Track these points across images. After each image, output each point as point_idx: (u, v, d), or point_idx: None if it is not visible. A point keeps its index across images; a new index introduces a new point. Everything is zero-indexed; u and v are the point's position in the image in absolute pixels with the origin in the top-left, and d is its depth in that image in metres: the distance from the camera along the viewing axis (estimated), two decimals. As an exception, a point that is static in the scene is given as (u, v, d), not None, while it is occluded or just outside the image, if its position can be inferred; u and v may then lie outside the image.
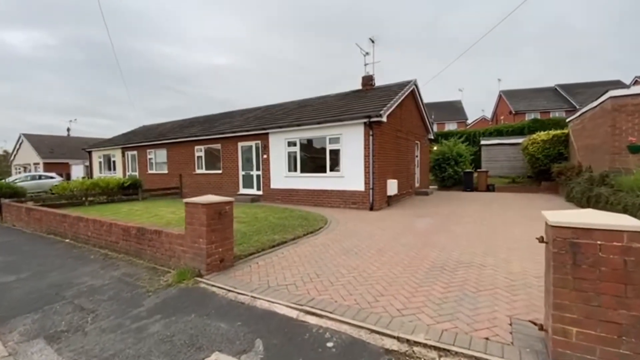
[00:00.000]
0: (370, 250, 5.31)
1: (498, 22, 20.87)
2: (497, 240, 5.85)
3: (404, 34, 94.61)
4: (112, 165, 20.10)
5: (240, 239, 5.95)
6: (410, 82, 12.70)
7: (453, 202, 11.64)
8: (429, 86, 68.25)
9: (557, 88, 34.24)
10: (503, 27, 42.47)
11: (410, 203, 11.49)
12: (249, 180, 13.29)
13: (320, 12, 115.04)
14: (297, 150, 11.68)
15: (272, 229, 6.85)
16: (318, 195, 11.16)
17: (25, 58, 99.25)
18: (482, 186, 15.65)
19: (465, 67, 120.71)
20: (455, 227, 7.08)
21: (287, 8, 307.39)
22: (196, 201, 4.29)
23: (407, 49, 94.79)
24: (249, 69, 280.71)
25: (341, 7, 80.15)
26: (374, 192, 9.95)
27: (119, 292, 3.95)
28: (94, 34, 64.66)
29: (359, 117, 9.91)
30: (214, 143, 14.29)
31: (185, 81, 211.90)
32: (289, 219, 8.04)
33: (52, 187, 12.63)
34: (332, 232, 6.79)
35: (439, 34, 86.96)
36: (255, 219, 8.13)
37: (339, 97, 14.04)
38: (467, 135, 21.52)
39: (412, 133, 13.55)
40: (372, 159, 9.92)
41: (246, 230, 6.66)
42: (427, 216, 8.57)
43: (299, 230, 6.73)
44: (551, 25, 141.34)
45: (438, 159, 17.05)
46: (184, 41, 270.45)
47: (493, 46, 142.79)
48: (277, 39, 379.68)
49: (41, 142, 29.70)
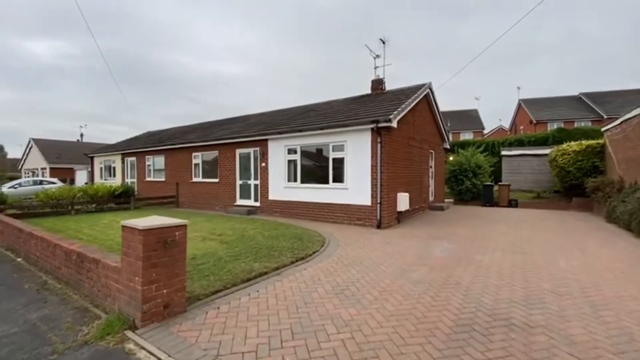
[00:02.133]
0: (372, 290, 4.07)
1: (507, 29, 19.61)
2: (539, 278, 4.51)
3: (418, 45, 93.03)
4: (112, 171, 19.47)
5: (211, 267, 4.81)
6: (425, 85, 11.49)
7: (473, 219, 10.23)
8: (443, 95, 66.79)
9: (582, 96, 32.26)
10: (519, 37, 40.88)
11: (424, 220, 10.15)
12: (247, 191, 12.23)
13: (333, 22, 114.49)
14: (298, 159, 10.56)
15: (256, 252, 5.68)
16: (320, 209, 9.97)
17: (47, 67, 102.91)
18: (504, 201, 14.13)
19: (480, 78, 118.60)
20: (480, 255, 5.74)
21: (299, 19, 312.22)
22: (132, 225, 3.18)
23: (421, 60, 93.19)
24: (262, 78, 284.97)
25: (354, 17, 79.49)
26: (381, 207, 8.69)
27: (13, 353, 2.83)
28: (111, 44, 66.19)
29: (365, 122, 8.74)
30: (211, 150, 13.35)
31: (199, 89, 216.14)
32: (280, 238, 6.87)
33: (35, 194, 11.94)
34: (328, 258, 5.57)
35: (454, 44, 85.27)
36: (241, 237, 6.99)
37: (346, 101, 12.94)
38: (485, 145, 20.03)
39: (426, 141, 12.27)
40: (379, 169, 8.70)
41: (223, 254, 5.52)
42: (444, 238, 7.24)
43: (287, 255, 5.54)
44: (567, 35, 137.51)
45: (454, 170, 15.64)
46: (198, 51, 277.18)
47: (508, 56, 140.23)
48: (290, 49, 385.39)
49: (49, 147, 29.70)
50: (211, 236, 7.12)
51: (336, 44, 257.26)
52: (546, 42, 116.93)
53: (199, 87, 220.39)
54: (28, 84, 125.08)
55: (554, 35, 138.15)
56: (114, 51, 59.05)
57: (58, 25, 49.72)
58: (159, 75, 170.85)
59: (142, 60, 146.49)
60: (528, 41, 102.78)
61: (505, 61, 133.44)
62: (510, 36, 19.59)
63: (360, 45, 12.82)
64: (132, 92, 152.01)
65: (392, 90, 12.46)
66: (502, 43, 21.39)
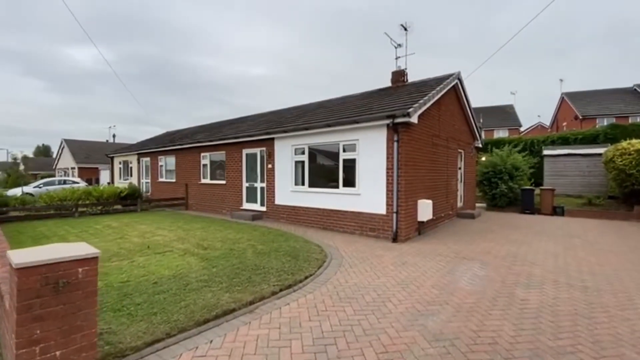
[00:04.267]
0: (368, 350, 2.88)
1: (536, 14, 17.31)
2: (616, 337, 3.10)
3: (447, 40, 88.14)
4: (130, 171, 19.46)
5: (169, 298, 3.83)
6: (452, 75, 9.98)
7: (510, 231, 8.63)
8: (475, 90, 62.72)
9: (638, 89, 28.60)
10: (558, 29, 37.11)
11: (451, 231, 8.70)
12: (253, 194, 11.34)
13: (361, 21, 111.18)
14: (306, 160, 9.48)
15: (234, 276, 4.66)
16: (328, 216, 8.83)
17: (89, 72, 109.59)
18: (547, 208, 12.23)
19: (516, 72, 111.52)
20: (523, 290, 4.35)
21: (324, 17, 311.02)
22: (13, 258, 2.22)
23: (451, 55, 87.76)
24: (287, 78, 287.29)
25: (383, 15, 76.74)
26: (398, 216, 7.40)
27: None
28: (147, 49, 68.94)
29: (379, 117, 7.47)
30: (218, 150, 12.60)
31: (227, 91, 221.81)
32: (272, 255, 5.81)
33: (39, 195, 11.79)
34: (322, 287, 4.43)
35: (487, 38, 79.74)
36: (229, 252, 6.01)
37: (363, 96, 11.68)
38: (524, 144, 17.89)
39: (453, 139, 10.74)
40: (396, 172, 7.41)
41: (194, 278, 4.54)
42: (474, 259, 5.84)
43: (271, 281, 4.47)
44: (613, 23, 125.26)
45: (487, 172, 13.86)
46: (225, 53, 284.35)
47: (547, 48, 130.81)
48: (318, 49, 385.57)
49: (79, 148, 30.81)
50: (195, 250, 6.21)
51: (364, 42, 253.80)
52: (589, 31, 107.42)
53: (230, 90, 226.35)
54: (71, 88, 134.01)
55: (598, 24, 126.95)
56: (148, 56, 61.24)
57: (96, 33, 52.29)
58: (192, 78, 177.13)
59: (175, 64, 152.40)
60: (568, 32, 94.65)
61: (543, 54, 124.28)
62: (548, 27, 17.04)
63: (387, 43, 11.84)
64: (166, 95, 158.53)
65: (415, 82, 11.04)
66: (540, 34, 18.85)
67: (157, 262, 5.32)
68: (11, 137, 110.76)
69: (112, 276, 4.64)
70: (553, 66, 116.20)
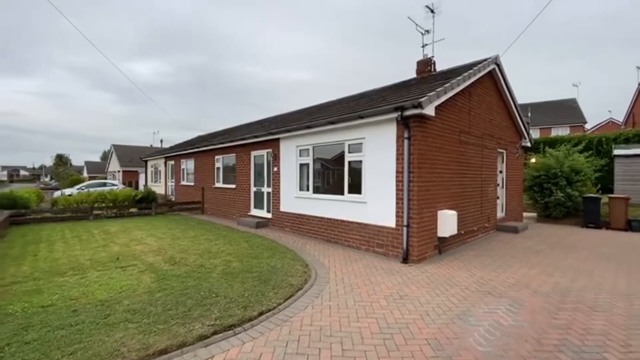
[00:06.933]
0: None
1: None
2: None
3: (492, 34, 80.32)
4: (159, 175, 19.97)
5: (65, 337, 2.99)
6: (487, 60, 8.26)
7: (564, 253, 6.71)
8: (526, 83, 56.31)
9: None
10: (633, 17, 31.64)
11: (483, 249, 7.02)
12: (260, 199, 10.54)
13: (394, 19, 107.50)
14: (310, 162, 8.42)
15: (175, 305, 3.74)
16: (333, 226, 7.66)
17: (148, 83, 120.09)
18: (618, 221, 9.75)
19: (581, 65, 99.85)
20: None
21: (360, 19, 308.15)
22: None
23: (496, 48, 79.94)
24: (324, 82, 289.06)
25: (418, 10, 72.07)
26: (409, 230, 6.00)
27: None
28: (199, 60, 73.39)
29: (386, 110, 6.15)
30: (229, 152, 12.05)
31: (266, 96, 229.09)
32: (242, 276, 4.83)
33: (57, 198, 12.17)
34: (271, 332, 3.32)
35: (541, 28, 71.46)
36: (195, 269, 5.15)
37: (382, 89, 10.36)
38: (587, 143, 15.02)
39: (491, 137, 8.93)
40: (407, 175, 6.03)
41: (124, 306, 3.69)
42: (504, 296, 4.30)
43: (212, 316, 3.46)
44: None
45: (539, 177, 11.61)
46: (265, 60, 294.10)
47: (616, 39, 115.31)
48: (352, 51, 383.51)
49: (124, 152, 33.02)
50: (162, 265, 5.44)
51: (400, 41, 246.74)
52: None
53: (267, 95, 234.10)
54: (134, 98, 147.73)
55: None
56: (198, 66, 64.88)
57: (154, 48, 56.43)
58: (238, 85, 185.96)
59: (224, 72, 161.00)
60: None
61: (614, 44, 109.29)
62: (620, 16, 13.61)
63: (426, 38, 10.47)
64: (217, 102, 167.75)
65: (443, 71, 9.46)
66: (611, 24, 15.43)
67: (106, 281, 4.62)
68: (84, 143, 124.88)
69: (40, 297, 3.98)
70: (626, 57, 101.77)
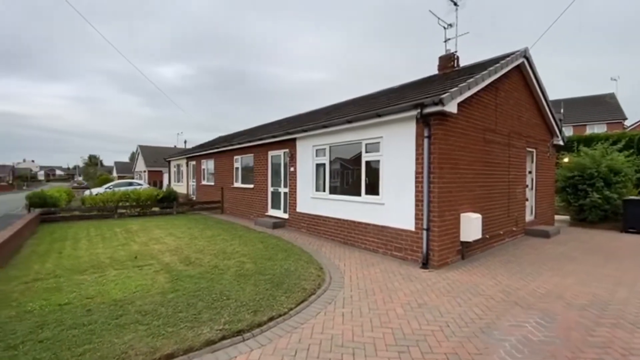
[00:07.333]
0: None
1: None
2: None
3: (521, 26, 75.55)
4: (181, 175, 20.49)
5: (77, 337, 3.00)
6: (515, 53, 7.77)
7: (601, 260, 6.16)
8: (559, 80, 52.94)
9: None
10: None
11: (509, 256, 6.59)
12: (277, 199, 10.50)
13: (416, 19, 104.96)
14: (326, 162, 8.26)
15: (186, 307, 3.70)
16: (349, 228, 7.47)
17: (174, 87, 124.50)
18: (665, 227, 8.92)
19: (619, 57, 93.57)
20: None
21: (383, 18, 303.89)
22: None
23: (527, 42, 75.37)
24: (346, 82, 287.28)
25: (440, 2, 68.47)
26: (429, 234, 5.71)
27: None
28: (219, 64, 75.27)
29: (405, 107, 5.89)
30: (248, 153, 12.11)
31: (289, 97, 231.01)
32: (254, 278, 4.75)
33: (85, 197, 12.70)
34: (280, 340, 3.19)
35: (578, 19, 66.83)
36: (209, 270, 5.13)
37: (402, 87, 10.04)
38: (627, 141, 13.88)
39: (520, 135, 8.41)
40: (427, 176, 5.74)
41: (136, 307, 3.69)
42: (534, 307, 3.95)
43: (222, 319, 3.39)
44: None
45: (572, 177, 10.85)
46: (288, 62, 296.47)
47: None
48: (373, 51, 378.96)
49: (150, 153, 34.27)
50: (177, 265, 5.47)
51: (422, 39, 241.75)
52: None
53: (296, 96, 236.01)
54: (160, 101, 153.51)
55: None
56: (220, 69, 66.46)
57: (179, 52, 58.32)
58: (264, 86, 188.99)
59: (247, 75, 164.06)
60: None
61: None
62: None
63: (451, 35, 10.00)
64: (240, 104, 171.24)
65: (467, 66, 9.03)
66: None
67: (122, 280, 4.68)
68: (115, 144, 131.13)
69: (59, 295, 4.07)
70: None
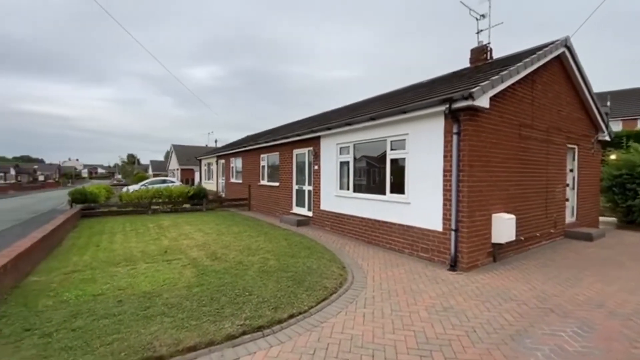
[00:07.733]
0: None
1: None
2: None
3: (560, 15, 69.92)
4: (211, 173, 21.19)
5: (107, 327, 3.16)
6: (555, 43, 7.22)
7: (654, 268, 5.59)
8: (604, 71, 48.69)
9: None
10: None
11: (546, 259, 6.15)
12: (302, 197, 10.54)
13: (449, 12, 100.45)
14: (351, 160, 8.17)
15: (209, 301, 3.80)
16: (374, 228, 7.33)
17: (205, 88, 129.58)
18: None
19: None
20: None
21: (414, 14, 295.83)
22: None
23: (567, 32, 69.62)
24: (376, 78, 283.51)
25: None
26: (458, 235, 5.46)
27: None
28: (250, 64, 77.17)
29: (432, 103, 5.66)
30: (273, 151, 12.27)
31: (318, 95, 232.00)
32: (277, 274, 4.78)
33: (121, 194, 13.43)
34: (299, 338, 3.17)
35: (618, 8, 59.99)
36: (234, 265, 5.24)
37: (431, 82, 9.69)
38: (687, 135, 12.56)
39: (559, 131, 7.83)
40: (456, 175, 5.49)
41: (163, 299, 3.84)
42: (571, 316, 3.64)
43: (243, 315, 3.43)
44: None
45: (620, 176, 9.98)
46: (318, 60, 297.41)
47: None
48: (404, 47, 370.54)
49: (182, 152, 35.80)
50: (204, 260, 5.64)
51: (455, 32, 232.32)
52: None
53: (325, 93, 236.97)
54: (193, 102, 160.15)
55: None
56: (251, 70, 68.12)
57: (211, 54, 60.54)
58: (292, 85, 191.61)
59: (277, 74, 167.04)
60: None
61: None
62: None
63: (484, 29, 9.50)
64: (269, 103, 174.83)
65: (500, 58, 8.54)
66: None
67: (152, 273, 4.89)
68: (151, 144, 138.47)
69: (94, 286, 4.33)
70: None
